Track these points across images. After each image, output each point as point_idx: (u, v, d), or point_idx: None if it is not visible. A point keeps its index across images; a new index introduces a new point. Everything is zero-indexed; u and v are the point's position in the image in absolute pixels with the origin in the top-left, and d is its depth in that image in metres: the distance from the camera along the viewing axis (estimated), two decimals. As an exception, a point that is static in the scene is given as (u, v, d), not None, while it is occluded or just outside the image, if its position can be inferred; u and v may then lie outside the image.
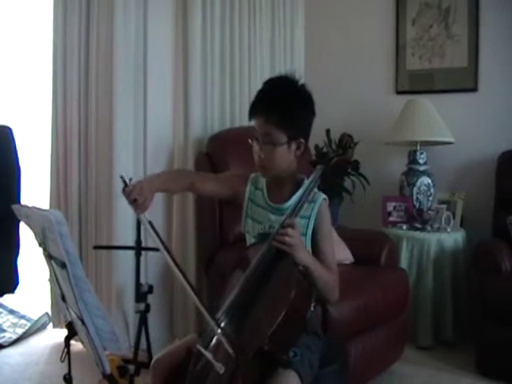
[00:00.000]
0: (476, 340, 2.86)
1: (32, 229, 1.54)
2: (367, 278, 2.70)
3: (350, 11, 3.96)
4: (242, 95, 3.46)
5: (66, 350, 1.56)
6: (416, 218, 3.38)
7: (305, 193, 1.59)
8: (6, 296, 3.13)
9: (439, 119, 3.44)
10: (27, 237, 2.11)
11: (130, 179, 1.60)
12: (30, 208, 1.48)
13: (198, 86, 3.16)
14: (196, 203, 3.07)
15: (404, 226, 3.35)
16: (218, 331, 1.40)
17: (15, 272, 2.70)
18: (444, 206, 3.41)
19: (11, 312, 3.69)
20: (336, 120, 3.58)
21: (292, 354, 1.49)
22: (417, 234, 3.25)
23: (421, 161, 3.50)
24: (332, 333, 1.95)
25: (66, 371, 1.58)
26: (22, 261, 2.78)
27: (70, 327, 1.58)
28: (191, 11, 3.13)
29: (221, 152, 2.99)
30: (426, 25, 3.73)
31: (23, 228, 2.38)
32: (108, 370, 1.47)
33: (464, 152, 3.57)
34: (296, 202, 1.59)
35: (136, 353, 2.45)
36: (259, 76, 3.51)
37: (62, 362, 1.57)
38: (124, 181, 1.55)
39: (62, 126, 3.16)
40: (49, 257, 1.47)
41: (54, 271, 1.49)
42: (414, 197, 3.47)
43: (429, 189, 3.48)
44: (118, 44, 2.93)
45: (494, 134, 3.50)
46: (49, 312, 3.44)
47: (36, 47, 3.99)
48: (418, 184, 3.46)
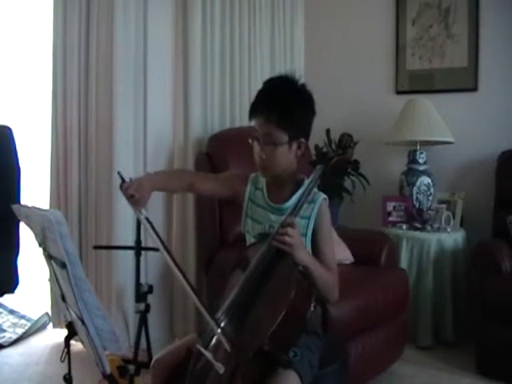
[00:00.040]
0: (476, 340, 2.86)
1: (32, 229, 1.54)
2: (367, 278, 2.70)
3: (350, 11, 3.96)
4: (242, 95, 3.46)
5: (66, 350, 1.56)
6: (416, 218, 3.37)
7: (304, 193, 1.59)
8: (6, 296, 3.13)
9: (439, 119, 3.44)
10: (27, 237, 2.11)
11: (130, 179, 1.60)
12: (30, 208, 1.48)
13: (198, 86, 3.16)
14: (196, 203, 3.07)
15: (404, 226, 3.35)
16: (218, 331, 1.40)
17: (15, 272, 2.70)
18: (444, 206, 3.41)
19: (11, 312, 3.69)
20: (336, 120, 3.58)
21: (292, 354, 1.49)
22: (417, 234, 3.25)
23: (421, 160, 3.50)
24: (332, 333, 1.95)
25: (66, 371, 1.58)
26: (22, 261, 2.78)
27: (70, 327, 1.57)
28: (191, 11, 3.13)
29: (221, 152, 3.00)
30: (426, 25, 3.73)
31: (23, 228, 2.37)
32: (108, 370, 1.47)
33: (464, 152, 3.57)
34: (296, 202, 1.58)
35: (136, 353, 2.45)
36: (259, 76, 3.51)
37: (62, 362, 1.57)
38: (121, 177, 1.55)
39: (62, 126, 3.16)
40: (49, 257, 1.47)
41: (54, 271, 1.49)
42: (414, 197, 3.47)
43: (429, 189, 3.48)
44: (118, 44, 2.93)
45: (494, 134, 3.50)
46: (49, 312, 3.44)
47: (36, 47, 3.99)
48: (418, 184, 3.46)
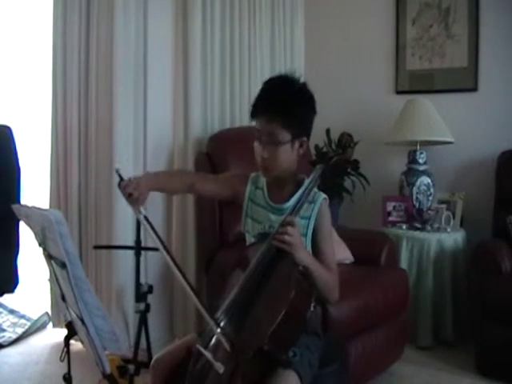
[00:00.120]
0: (476, 340, 2.86)
1: (32, 228, 1.54)
2: (367, 278, 2.70)
3: (350, 11, 3.96)
4: (242, 95, 3.46)
5: (66, 350, 1.56)
6: (416, 218, 3.37)
7: (304, 192, 1.59)
8: (6, 296, 3.13)
9: (439, 119, 3.44)
10: (27, 237, 2.11)
11: (129, 179, 1.60)
12: (30, 208, 1.48)
13: (198, 86, 3.16)
14: (196, 203, 3.07)
15: (404, 226, 3.35)
16: (218, 330, 1.40)
17: (15, 272, 2.70)
18: (444, 206, 3.40)
19: (11, 312, 3.69)
20: (336, 120, 3.58)
21: (292, 354, 1.49)
22: (417, 234, 3.25)
23: (421, 161, 3.50)
24: (332, 333, 1.95)
25: (66, 371, 1.59)
26: (22, 261, 2.78)
27: (70, 327, 1.58)
28: (191, 11, 3.13)
29: (221, 152, 3.00)
30: (426, 25, 3.73)
31: (23, 228, 2.37)
32: (108, 370, 1.47)
33: (464, 152, 3.57)
34: (296, 202, 1.58)
35: (136, 353, 2.45)
36: (259, 76, 3.51)
37: (62, 362, 1.57)
38: (120, 175, 1.54)
39: (62, 126, 3.16)
40: (49, 257, 1.47)
41: (54, 271, 1.49)
42: (414, 197, 3.46)
43: (429, 189, 3.47)
44: (118, 44, 2.93)
45: (494, 134, 3.50)
46: (49, 312, 3.44)
47: (36, 47, 4.00)
48: (418, 184, 3.46)
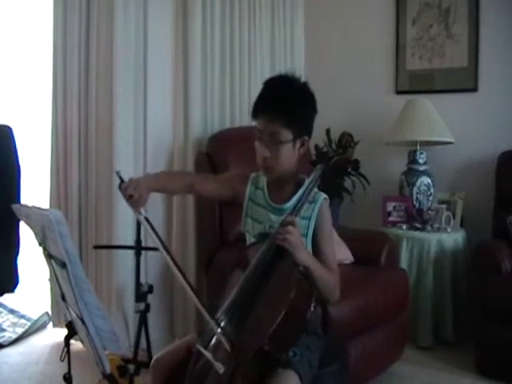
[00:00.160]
0: (476, 340, 2.86)
1: (32, 228, 1.54)
2: (367, 278, 2.70)
3: (350, 11, 3.96)
4: (242, 95, 3.46)
5: (66, 350, 1.56)
6: (416, 218, 3.37)
7: (305, 192, 1.58)
8: (6, 295, 3.14)
9: (439, 119, 3.44)
10: (27, 236, 2.11)
11: (130, 179, 1.60)
12: (30, 207, 1.48)
13: (198, 86, 3.16)
14: (196, 203, 3.07)
15: (404, 226, 3.35)
16: (218, 330, 1.40)
17: (15, 271, 2.70)
18: (444, 206, 3.40)
19: (11, 311, 3.69)
20: (336, 120, 3.57)
21: (292, 354, 1.49)
22: (417, 234, 3.25)
23: (421, 161, 3.50)
24: (332, 333, 1.95)
25: (66, 371, 1.59)
26: (22, 260, 2.78)
27: (70, 327, 1.58)
28: (191, 11, 3.13)
29: (221, 152, 3.00)
30: (426, 25, 3.73)
31: (23, 227, 2.38)
32: (108, 370, 1.47)
33: (464, 152, 3.57)
34: (296, 202, 1.58)
35: (136, 352, 2.45)
36: (259, 76, 3.51)
37: (62, 362, 1.57)
38: (120, 177, 1.55)
39: (62, 126, 3.16)
40: (49, 256, 1.47)
41: (54, 271, 1.49)
42: (414, 197, 3.46)
43: (429, 189, 3.47)
44: (118, 44, 2.93)
45: (494, 134, 3.50)
46: (49, 311, 3.44)
47: (36, 47, 4.00)
48: (418, 184, 3.46)
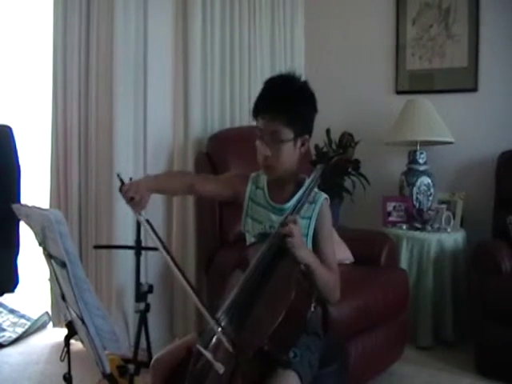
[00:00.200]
0: (476, 340, 2.86)
1: (32, 228, 1.54)
2: (367, 278, 2.70)
3: (350, 11, 3.96)
4: (242, 95, 3.46)
5: (66, 350, 1.56)
6: (416, 218, 3.37)
7: (305, 192, 1.58)
8: (6, 295, 3.14)
9: (439, 119, 3.44)
10: (27, 236, 2.11)
11: (131, 179, 1.60)
12: (30, 207, 1.48)
13: (198, 86, 3.16)
14: (196, 203, 3.07)
15: (404, 226, 3.35)
16: (218, 330, 1.40)
17: (15, 271, 2.70)
18: (444, 206, 3.40)
19: (11, 311, 3.69)
20: (336, 120, 3.57)
21: (292, 355, 1.48)
22: (417, 234, 3.25)
23: (421, 161, 3.50)
24: (332, 333, 1.96)
25: (66, 370, 1.59)
26: (22, 260, 2.78)
27: (70, 326, 1.58)
28: (191, 11, 3.13)
29: (221, 152, 2.99)
30: (426, 25, 3.73)
31: (23, 227, 2.38)
32: (108, 370, 1.47)
33: (464, 152, 3.57)
34: (297, 202, 1.58)
35: (136, 352, 2.45)
36: (259, 76, 3.51)
37: (62, 362, 1.57)
38: (121, 179, 1.54)
39: (62, 126, 3.16)
40: (49, 256, 1.48)
41: (54, 271, 1.49)
42: (414, 197, 3.46)
43: (429, 189, 3.47)
44: (118, 44, 2.93)
45: (494, 134, 3.50)
46: (49, 311, 3.44)
47: (36, 47, 4.00)
48: (418, 184, 3.46)
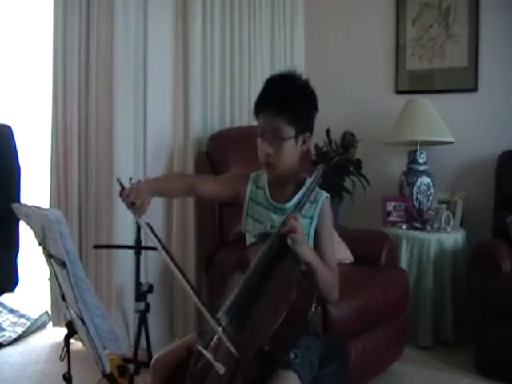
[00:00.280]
0: (476, 340, 2.86)
1: (32, 228, 1.54)
2: (367, 278, 2.70)
3: (350, 11, 3.96)
4: (242, 95, 3.46)
5: (66, 349, 1.56)
6: (416, 218, 3.37)
7: (306, 192, 1.58)
8: (6, 295, 3.14)
9: (439, 119, 3.44)
10: (27, 236, 2.11)
11: (130, 178, 1.59)
12: (30, 207, 1.48)
13: (198, 86, 3.16)
14: (196, 203, 3.07)
15: (404, 226, 3.35)
16: (219, 330, 1.40)
17: (15, 271, 2.70)
18: (444, 206, 3.40)
19: (11, 311, 3.69)
20: (336, 120, 3.57)
21: (293, 356, 1.48)
22: (417, 234, 3.25)
23: (421, 161, 3.50)
24: (332, 333, 1.96)
25: (66, 370, 1.59)
26: (22, 260, 2.78)
27: (70, 326, 1.58)
28: (191, 11, 3.13)
29: (221, 152, 3.00)
30: (426, 25, 3.73)
31: (23, 227, 2.38)
32: (108, 370, 1.47)
33: (464, 152, 3.57)
34: (298, 202, 1.58)
35: (136, 352, 2.45)
36: (259, 76, 3.51)
37: (62, 361, 1.57)
38: (121, 184, 1.54)
39: (62, 126, 3.16)
40: (49, 256, 1.47)
41: (54, 270, 1.49)
42: (414, 197, 3.46)
43: (429, 189, 3.47)
44: (118, 44, 2.93)
45: (494, 134, 3.50)
46: (49, 311, 3.44)
47: (36, 47, 4.00)
48: (418, 184, 3.46)
